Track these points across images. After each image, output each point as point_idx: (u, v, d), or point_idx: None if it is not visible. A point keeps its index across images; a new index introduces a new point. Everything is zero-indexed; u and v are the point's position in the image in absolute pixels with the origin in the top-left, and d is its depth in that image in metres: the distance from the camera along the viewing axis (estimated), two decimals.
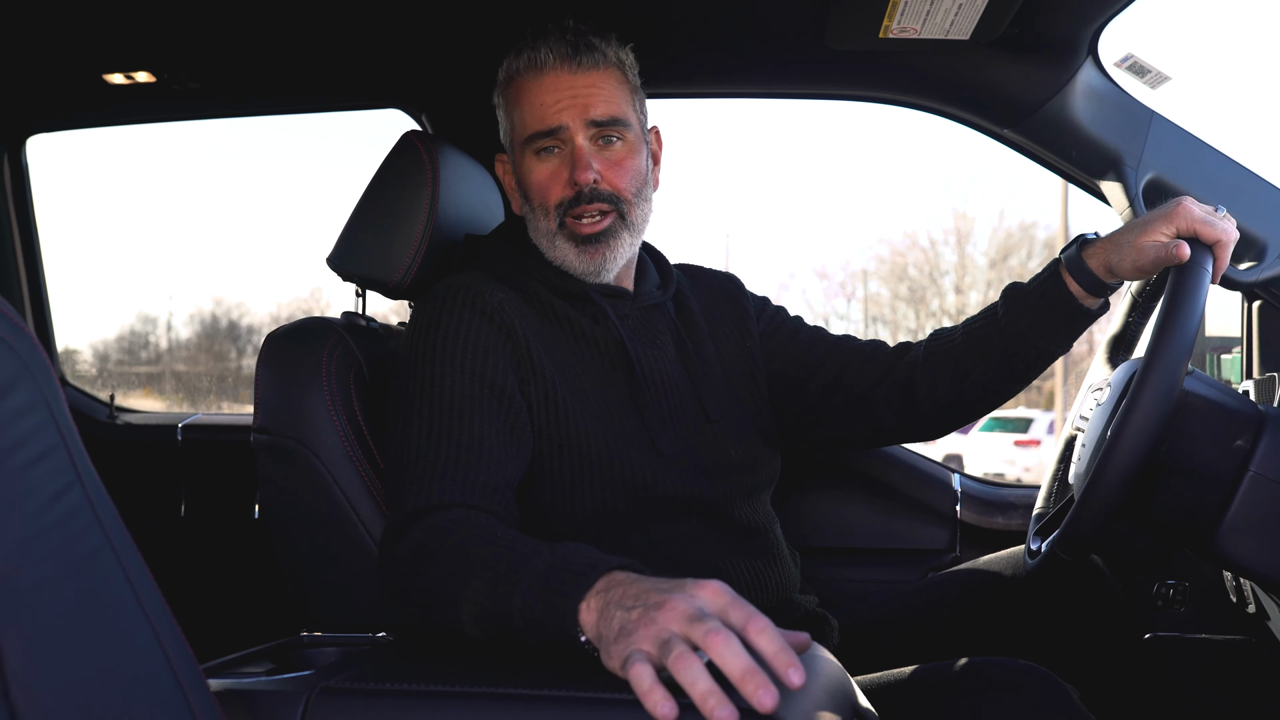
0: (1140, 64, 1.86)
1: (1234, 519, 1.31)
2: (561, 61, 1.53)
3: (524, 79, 1.56)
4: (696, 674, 0.87)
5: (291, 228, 42.53)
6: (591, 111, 1.52)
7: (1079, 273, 1.51)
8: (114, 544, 0.78)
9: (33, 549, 0.73)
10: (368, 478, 1.50)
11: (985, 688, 1.37)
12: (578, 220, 1.53)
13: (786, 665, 0.87)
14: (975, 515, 2.21)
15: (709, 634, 0.89)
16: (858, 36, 1.80)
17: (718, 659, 0.88)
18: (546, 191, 1.55)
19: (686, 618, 0.91)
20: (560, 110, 1.52)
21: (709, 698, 0.85)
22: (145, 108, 2.46)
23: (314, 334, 1.56)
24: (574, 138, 1.53)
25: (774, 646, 0.89)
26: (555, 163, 1.55)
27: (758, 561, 1.57)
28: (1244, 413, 1.34)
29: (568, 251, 1.55)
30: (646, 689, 0.88)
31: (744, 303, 1.78)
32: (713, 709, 0.84)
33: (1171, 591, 2.01)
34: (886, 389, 1.68)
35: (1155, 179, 1.88)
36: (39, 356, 0.76)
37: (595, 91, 1.53)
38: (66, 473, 0.76)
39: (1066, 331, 1.55)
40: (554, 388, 1.47)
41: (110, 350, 19.91)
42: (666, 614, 0.92)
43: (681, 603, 0.93)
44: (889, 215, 46.65)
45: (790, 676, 0.87)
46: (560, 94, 1.53)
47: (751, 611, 0.92)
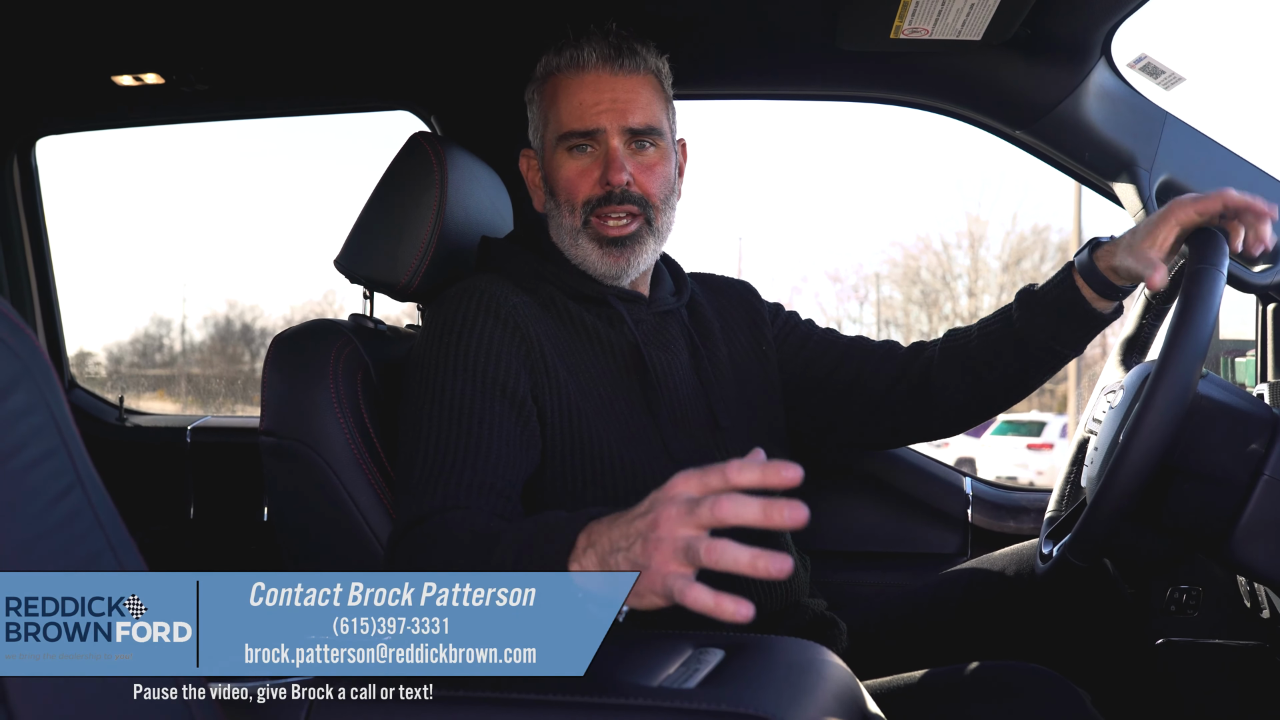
0: (1154, 65, 1.85)
1: (1248, 523, 1.30)
2: (603, 62, 1.53)
3: (564, 76, 1.55)
4: (735, 551, 0.87)
5: (305, 230, 42.63)
6: (630, 119, 1.53)
7: (1090, 275, 1.50)
8: (114, 546, 0.78)
9: (34, 551, 0.72)
10: (374, 480, 1.49)
11: (996, 692, 1.36)
12: (604, 221, 1.53)
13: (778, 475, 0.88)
14: (986, 519, 2.20)
15: (715, 510, 0.89)
16: (869, 37, 1.80)
17: (736, 519, 0.88)
18: (575, 188, 1.54)
19: (683, 518, 0.91)
20: (599, 113, 1.52)
21: (758, 560, 0.86)
22: (154, 109, 2.46)
23: (321, 336, 1.56)
24: (609, 140, 1.53)
25: (758, 472, 0.89)
26: (587, 161, 1.54)
27: None
28: (1258, 416, 1.33)
29: (590, 251, 1.54)
30: (713, 603, 0.88)
31: (758, 308, 1.77)
32: (766, 566, 0.85)
33: (1185, 596, 1.99)
34: (903, 390, 1.68)
35: (1169, 181, 1.86)
36: (40, 358, 0.76)
37: (634, 98, 1.54)
38: (67, 475, 0.75)
39: (1079, 334, 1.55)
40: (568, 391, 1.46)
41: (124, 353, 20.00)
42: (665, 528, 0.92)
43: (667, 509, 0.93)
44: (902, 218, 46.56)
45: (785, 474, 0.88)
46: (600, 95, 1.53)
47: (720, 468, 0.91)
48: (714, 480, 0.91)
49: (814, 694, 0.90)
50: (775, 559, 0.85)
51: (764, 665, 0.99)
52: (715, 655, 1.02)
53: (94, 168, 39.24)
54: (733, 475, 0.90)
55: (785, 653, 1.04)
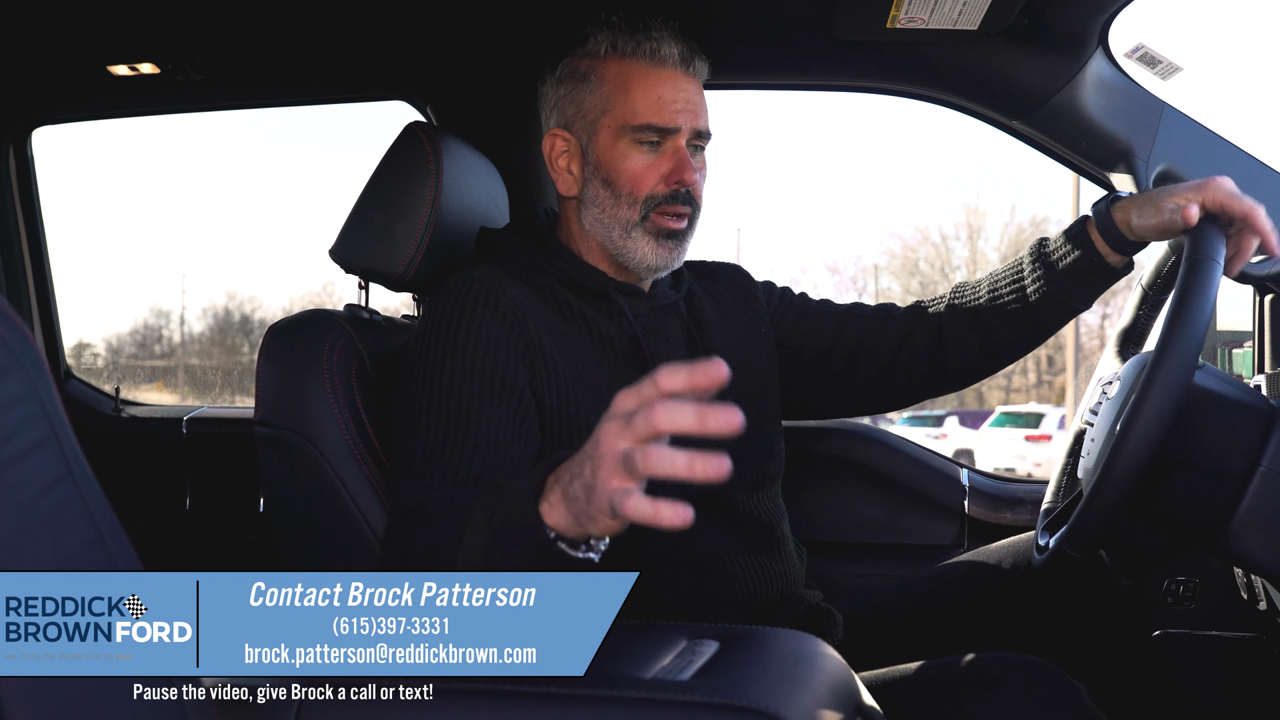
0: (1151, 54, 1.84)
1: (1245, 515, 1.29)
2: (680, 62, 1.55)
3: (639, 64, 1.55)
4: (671, 457, 0.87)
5: (305, 222, 42.61)
6: (700, 121, 1.56)
7: (1105, 228, 1.53)
8: (105, 537, 0.78)
9: (23, 542, 0.72)
10: (369, 471, 1.49)
11: (992, 683, 1.36)
12: (664, 216, 1.54)
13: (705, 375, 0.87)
14: (983, 510, 2.20)
15: (649, 418, 0.88)
16: (865, 27, 1.79)
17: (671, 426, 0.88)
18: (640, 181, 1.54)
19: (620, 430, 0.91)
20: (678, 112, 1.53)
21: (694, 462, 0.86)
22: (150, 99, 2.45)
23: (316, 326, 1.56)
24: (679, 140, 1.54)
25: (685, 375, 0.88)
26: (655, 156, 1.55)
27: (763, 557, 1.57)
28: (1255, 407, 1.33)
29: (644, 243, 1.55)
30: (651, 511, 0.88)
31: (752, 289, 1.78)
32: (703, 468, 0.85)
33: (1182, 588, 1.99)
34: (912, 351, 1.71)
35: (1166, 171, 1.86)
36: (31, 349, 0.75)
37: (701, 101, 1.57)
38: (57, 465, 0.75)
39: (1090, 287, 1.58)
40: (566, 384, 1.46)
41: (124, 344, 20.02)
42: (606, 443, 0.92)
43: (607, 425, 0.93)
44: (900, 210, 46.65)
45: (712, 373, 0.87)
46: (679, 95, 1.54)
47: (651, 379, 0.90)
48: (648, 391, 0.91)
49: (808, 686, 0.90)
50: (712, 460, 0.85)
51: (759, 657, 0.99)
52: (710, 647, 1.02)
53: (97, 159, 39.18)
54: (663, 384, 0.89)
55: (780, 644, 1.04)
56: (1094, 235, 1.54)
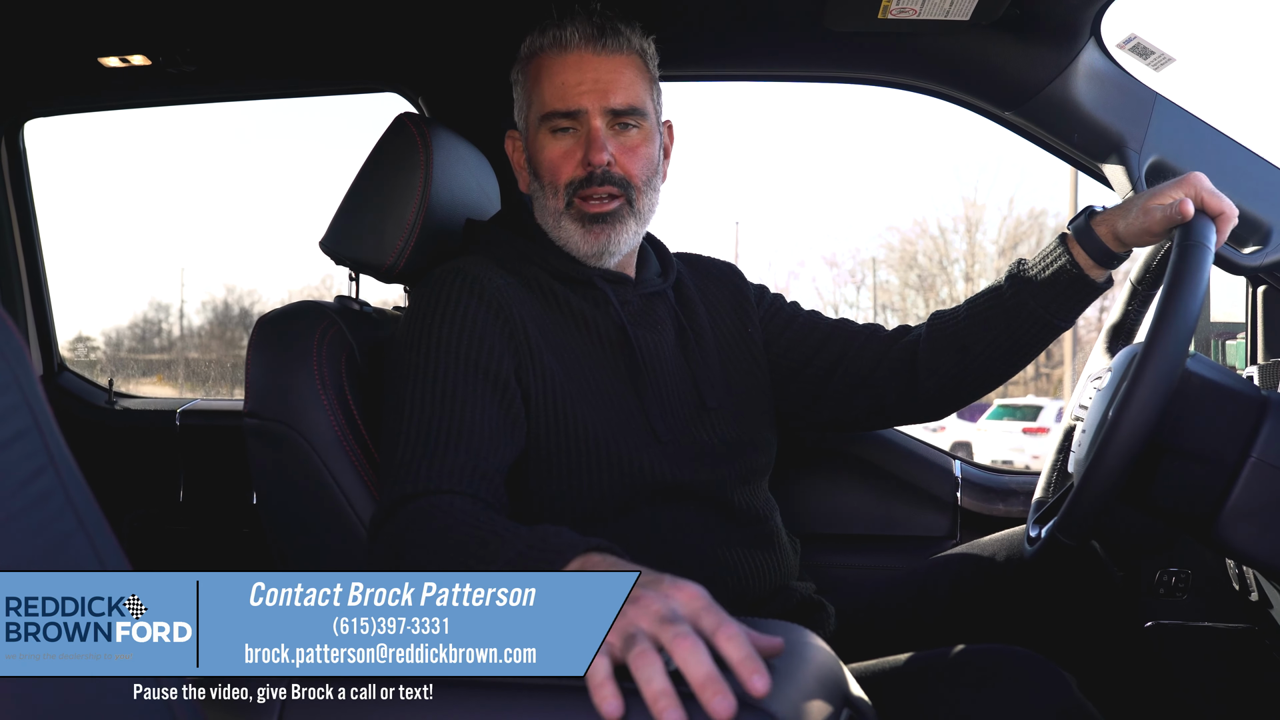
0: (1144, 45, 1.84)
1: (1235, 505, 1.29)
2: (586, 42, 1.53)
3: (547, 56, 1.55)
4: (653, 673, 0.84)
5: (304, 215, 42.57)
6: (611, 99, 1.53)
7: (1087, 242, 1.52)
8: (87, 528, 0.77)
9: (4, 533, 0.72)
10: (358, 462, 1.49)
11: (981, 675, 1.36)
12: (586, 201, 1.53)
13: (751, 673, 0.84)
14: (976, 502, 2.20)
15: (676, 638, 0.86)
16: (857, 17, 1.79)
17: (681, 663, 0.85)
18: (558, 170, 1.54)
19: (657, 617, 0.89)
20: (581, 93, 1.52)
21: (660, 698, 0.83)
22: (141, 91, 2.44)
23: (305, 318, 1.56)
24: (591, 121, 1.52)
25: (741, 653, 0.86)
26: (569, 142, 1.54)
27: (756, 549, 1.57)
28: (1248, 395, 1.32)
29: (573, 232, 1.54)
30: (599, 682, 0.85)
31: (744, 290, 1.78)
32: (663, 710, 0.82)
33: (1173, 579, 1.99)
34: (886, 370, 1.69)
35: (1158, 162, 1.86)
36: (12, 338, 0.75)
37: (616, 78, 1.53)
38: (39, 456, 0.75)
39: (1072, 303, 1.56)
40: (552, 374, 1.46)
41: (123, 337, 19.97)
42: (638, 610, 0.90)
43: (655, 602, 0.90)
44: (898, 203, 46.63)
45: (754, 684, 0.84)
46: (583, 75, 1.52)
47: (723, 618, 0.89)
48: (707, 620, 0.89)
49: (795, 676, 0.89)
50: (672, 711, 0.82)
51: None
52: None
53: (95, 151, 39.14)
54: (723, 634, 0.87)
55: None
56: (1075, 249, 1.53)
